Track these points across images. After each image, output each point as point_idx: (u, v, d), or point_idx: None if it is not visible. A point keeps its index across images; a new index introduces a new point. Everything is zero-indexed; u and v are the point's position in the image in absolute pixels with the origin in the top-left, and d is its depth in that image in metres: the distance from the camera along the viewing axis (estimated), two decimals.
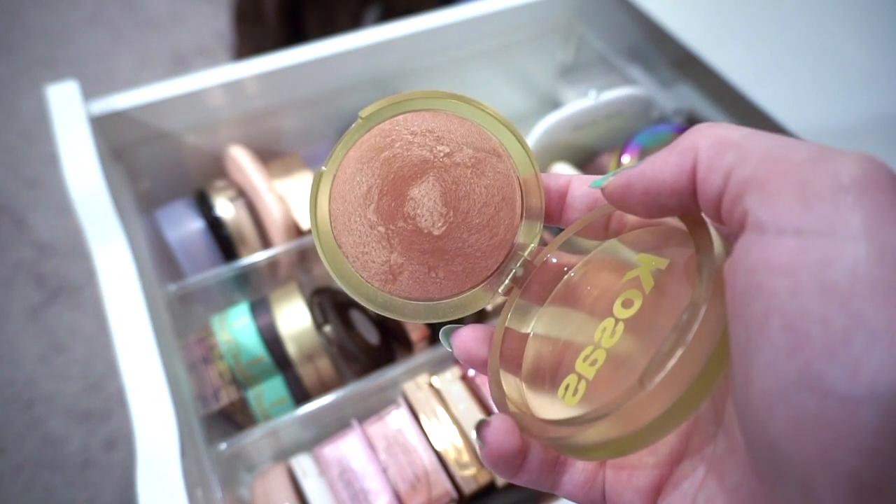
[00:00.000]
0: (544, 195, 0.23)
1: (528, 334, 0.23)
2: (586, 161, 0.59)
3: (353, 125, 0.23)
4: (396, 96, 0.23)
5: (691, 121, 0.58)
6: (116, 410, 0.93)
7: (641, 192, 0.18)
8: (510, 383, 0.22)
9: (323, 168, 0.23)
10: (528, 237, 0.23)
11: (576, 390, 0.20)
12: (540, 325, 0.23)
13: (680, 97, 0.64)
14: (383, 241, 0.22)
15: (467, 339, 0.22)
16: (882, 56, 0.50)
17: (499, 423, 0.19)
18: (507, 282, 0.23)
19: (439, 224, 0.22)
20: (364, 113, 0.23)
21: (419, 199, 0.22)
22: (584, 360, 0.20)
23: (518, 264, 0.23)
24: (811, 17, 0.54)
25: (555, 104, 0.68)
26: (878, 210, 0.13)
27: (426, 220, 0.22)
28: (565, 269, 0.23)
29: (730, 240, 0.18)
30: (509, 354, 0.22)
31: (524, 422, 0.20)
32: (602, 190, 0.19)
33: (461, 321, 0.23)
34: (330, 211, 0.23)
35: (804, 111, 0.48)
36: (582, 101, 0.54)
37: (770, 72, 0.50)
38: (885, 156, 0.15)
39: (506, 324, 0.22)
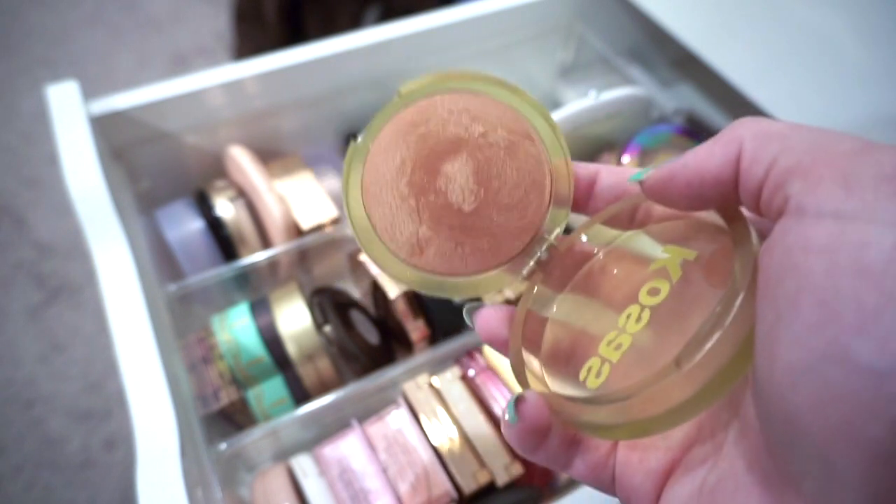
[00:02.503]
0: (573, 182, 0.23)
1: (548, 318, 0.23)
2: (586, 161, 0.59)
3: (392, 101, 0.23)
4: (435, 75, 0.23)
5: (691, 121, 0.58)
6: (116, 410, 0.93)
7: (684, 184, 0.18)
8: (531, 363, 0.22)
9: (358, 140, 0.23)
10: (555, 223, 0.23)
11: (599, 372, 0.20)
12: (561, 310, 0.23)
13: (680, 97, 0.64)
14: (413, 213, 0.23)
15: (490, 317, 0.23)
16: (882, 56, 0.50)
17: (534, 399, 0.20)
18: (531, 264, 0.23)
19: (470, 200, 0.22)
20: (403, 90, 0.23)
21: (452, 175, 0.23)
22: (608, 344, 0.20)
23: (543, 248, 0.23)
24: (811, 16, 0.54)
25: (555, 104, 0.68)
26: None
27: (457, 196, 0.23)
28: (590, 255, 0.23)
29: (765, 235, 0.18)
30: (530, 337, 0.23)
31: (550, 399, 0.20)
32: (641, 183, 0.19)
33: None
34: (362, 182, 0.23)
35: (804, 111, 0.48)
36: (582, 101, 0.54)
37: (770, 72, 0.50)
38: None
39: (528, 306, 0.23)
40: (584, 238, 0.23)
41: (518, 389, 0.21)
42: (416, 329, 0.47)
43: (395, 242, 0.23)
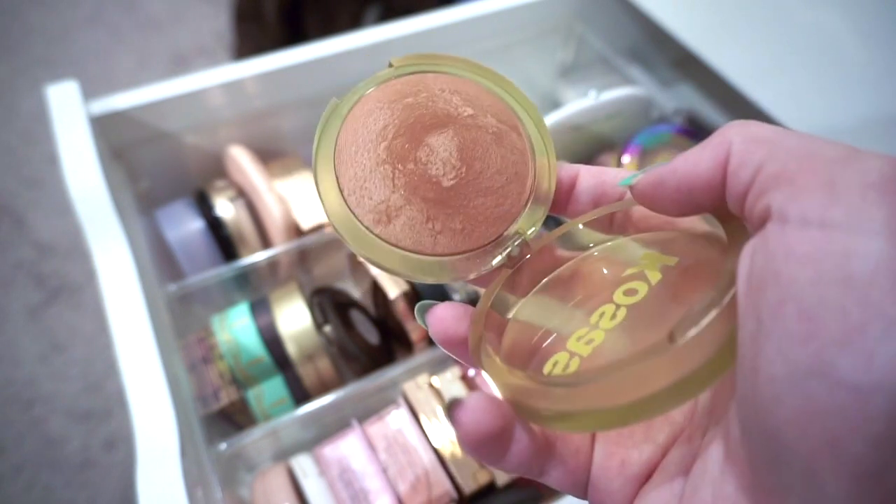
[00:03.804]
0: (555, 183, 0.22)
1: (510, 319, 0.22)
2: (586, 161, 0.59)
3: (381, 71, 0.23)
4: (430, 54, 0.23)
5: (691, 121, 0.58)
6: (116, 410, 0.93)
7: (674, 188, 0.18)
8: (492, 362, 0.20)
9: (337, 100, 0.22)
10: (532, 220, 0.22)
11: (567, 366, 0.19)
12: (525, 313, 0.22)
13: (680, 97, 0.64)
14: (388, 179, 0.21)
15: (445, 316, 0.21)
16: (882, 56, 0.50)
17: (474, 402, 0.17)
18: (500, 257, 0.22)
19: (450, 175, 0.22)
20: (395, 61, 0.23)
21: (435, 147, 0.22)
22: (578, 339, 0.20)
23: (517, 242, 0.22)
24: (811, 16, 0.54)
25: (555, 104, 0.68)
26: None
27: (437, 169, 0.22)
28: (563, 259, 0.23)
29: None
30: (491, 336, 0.21)
31: (511, 387, 0.17)
32: (631, 188, 0.19)
33: (440, 297, 0.22)
34: (337, 140, 0.22)
35: (804, 111, 0.48)
36: (582, 101, 0.54)
37: (770, 72, 0.50)
38: None
39: (489, 304, 0.21)
40: (558, 242, 0.22)
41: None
42: (416, 329, 0.47)
43: (361, 207, 0.21)
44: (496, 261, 0.22)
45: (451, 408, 0.17)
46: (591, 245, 0.22)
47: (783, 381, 0.13)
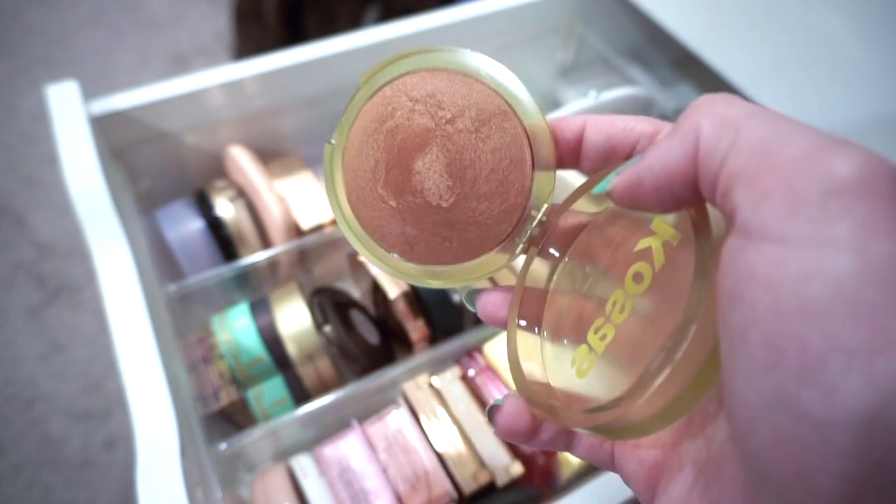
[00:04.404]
0: (556, 145, 0.22)
1: (549, 290, 0.23)
2: None
3: (355, 93, 0.23)
4: (393, 57, 0.23)
5: None
6: (116, 410, 0.93)
7: (652, 188, 0.17)
8: (529, 344, 0.22)
9: (332, 141, 0.23)
10: (541, 195, 0.22)
11: (585, 362, 0.21)
12: (561, 280, 0.23)
13: (680, 97, 0.64)
14: (396, 214, 0.22)
15: (488, 302, 0.23)
16: (881, 56, 0.50)
17: (510, 408, 0.20)
18: (521, 244, 0.23)
19: (447, 196, 0.22)
20: (362, 78, 0.23)
21: (424, 173, 0.22)
22: (595, 332, 0.21)
23: (533, 225, 0.23)
24: (810, 16, 0.54)
25: (555, 104, 0.68)
26: (869, 219, 0.12)
27: (433, 194, 0.22)
28: (585, 222, 0.23)
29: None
30: (531, 312, 0.23)
31: (533, 398, 0.20)
32: (609, 194, 0.18)
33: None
34: (345, 185, 0.23)
35: (804, 111, 0.48)
36: (582, 101, 0.54)
37: (770, 72, 0.50)
38: (884, 156, 0.14)
39: (525, 283, 0.23)
40: (575, 206, 0.23)
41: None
42: (416, 329, 0.47)
43: (387, 242, 0.23)
44: (518, 249, 0.23)
45: (491, 411, 0.21)
46: (608, 204, 0.22)
47: (754, 408, 0.13)
